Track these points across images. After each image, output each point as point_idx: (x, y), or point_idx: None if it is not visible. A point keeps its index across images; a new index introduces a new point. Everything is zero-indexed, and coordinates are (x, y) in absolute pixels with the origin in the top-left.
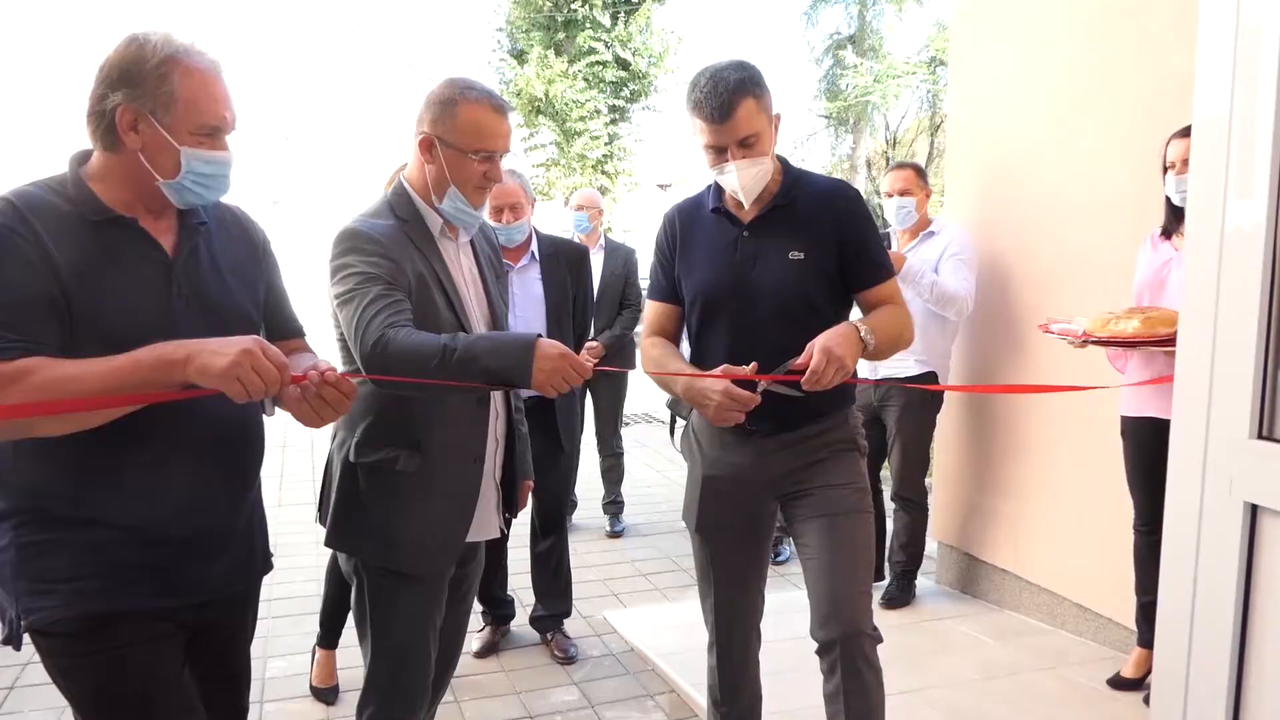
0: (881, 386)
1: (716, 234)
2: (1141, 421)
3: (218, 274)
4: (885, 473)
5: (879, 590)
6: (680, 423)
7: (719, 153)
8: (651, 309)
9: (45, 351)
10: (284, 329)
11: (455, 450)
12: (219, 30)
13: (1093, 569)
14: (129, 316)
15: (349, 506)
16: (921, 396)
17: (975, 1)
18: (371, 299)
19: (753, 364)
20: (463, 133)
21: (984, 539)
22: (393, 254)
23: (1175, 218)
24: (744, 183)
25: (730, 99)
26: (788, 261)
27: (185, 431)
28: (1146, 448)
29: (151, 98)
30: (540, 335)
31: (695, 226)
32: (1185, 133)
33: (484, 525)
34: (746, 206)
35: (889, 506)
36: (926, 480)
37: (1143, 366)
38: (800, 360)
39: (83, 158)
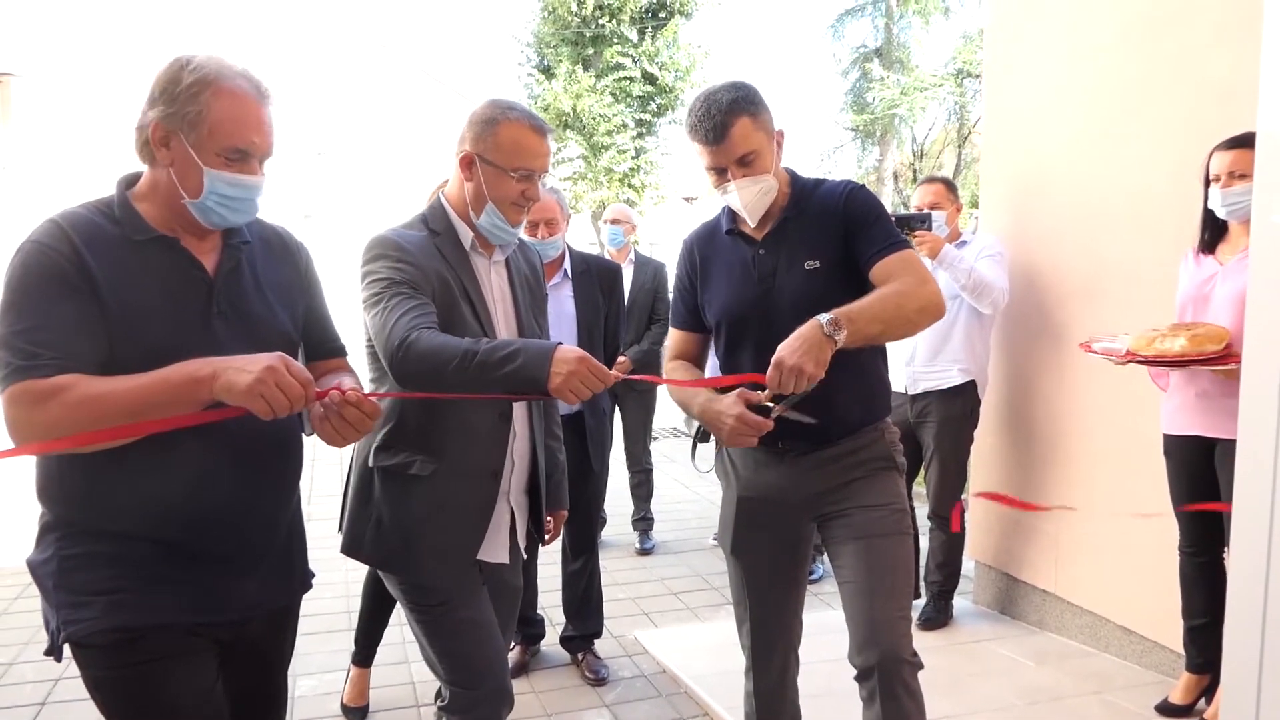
0: (919, 401)
1: (734, 256)
2: (1186, 440)
3: (259, 292)
4: (919, 488)
5: (915, 610)
6: (701, 444)
7: (720, 174)
8: (673, 335)
9: (83, 369)
10: (325, 348)
11: (472, 461)
12: (252, 46)
13: (1138, 590)
14: (170, 335)
15: (363, 511)
16: (960, 410)
17: (1009, 13)
18: (397, 302)
19: (767, 391)
20: (503, 151)
21: (1023, 558)
22: (419, 261)
23: (1216, 231)
24: (746, 201)
25: (724, 119)
26: (804, 272)
27: (225, 447)
28: (1191, 467)
29: (180, 116)
30: (560, 343)
31: (713, 252)
32: (1230, 144)
33: (490, 548)
34: (752, 224)
35: (924, 524)
36: (963, 497)
37: (1185, 383)
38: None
39: (130, 180)
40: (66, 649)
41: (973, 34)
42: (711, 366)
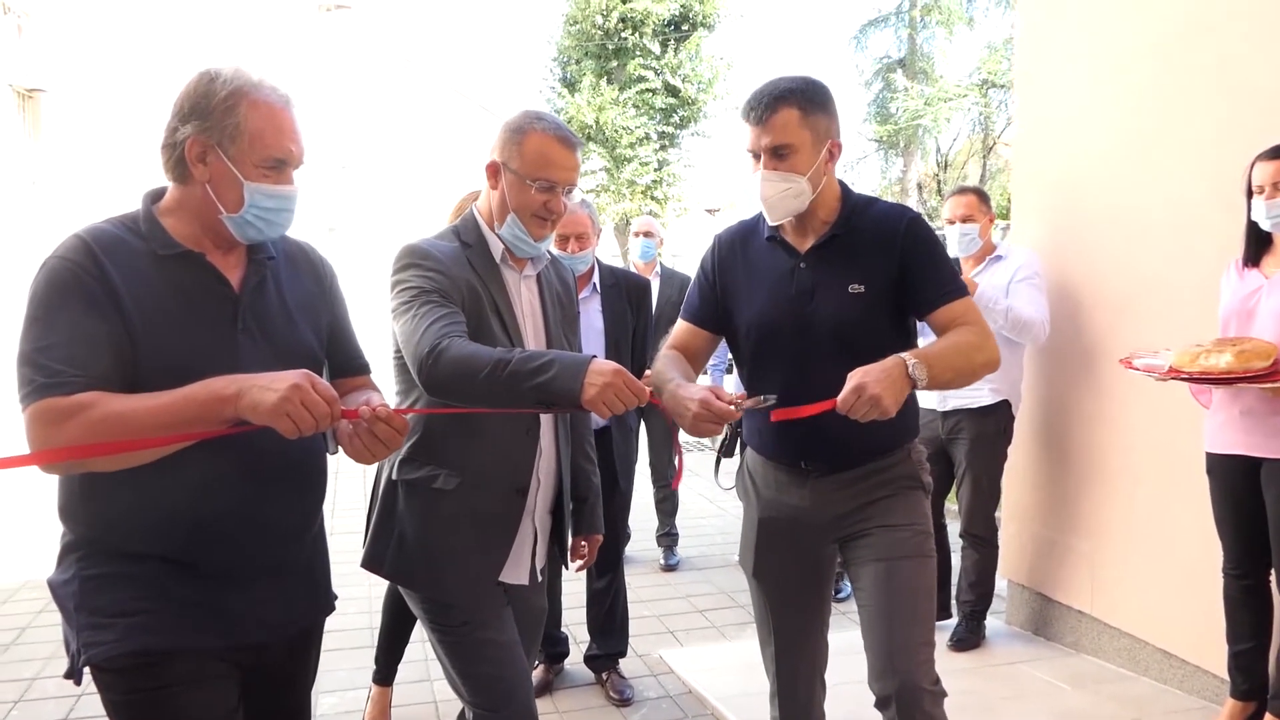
0: (950, 418)
1: (771, 264)
2: (1229, 459)
3: (284, 309)
4: (950, 504)
5: (946, 631)
6: (726, 461)
7: (755, 159)
8: (679, 327)
9: (105, 387)
10: (349, 366)
11: (497, 477)
12: (277, 60)
13: (1179, 612)
14: (194, 351)
15: (386, 524)
16: (993, 428)
17: (1041, 23)
18: (428, 310)
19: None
20: (526, 161)
21: (1058, 578)
22: (449, 270)
23: (1260, 244)
24: (766, 195)
25: (771, 102)
26: (847, 295)
27: (248, 467)
28: (1235, 487)
29: (219, 129)
30: (594, 356)
31: (747, 255)
32: (1272, 154)
33: (514, 569)
34: (771, 222)
35: (956, 543)
36: (996, 516)
37: (1229, 400)
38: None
39: (156, 195)
40: (87, 672)
41: (997, 44)
42: (714, 367)
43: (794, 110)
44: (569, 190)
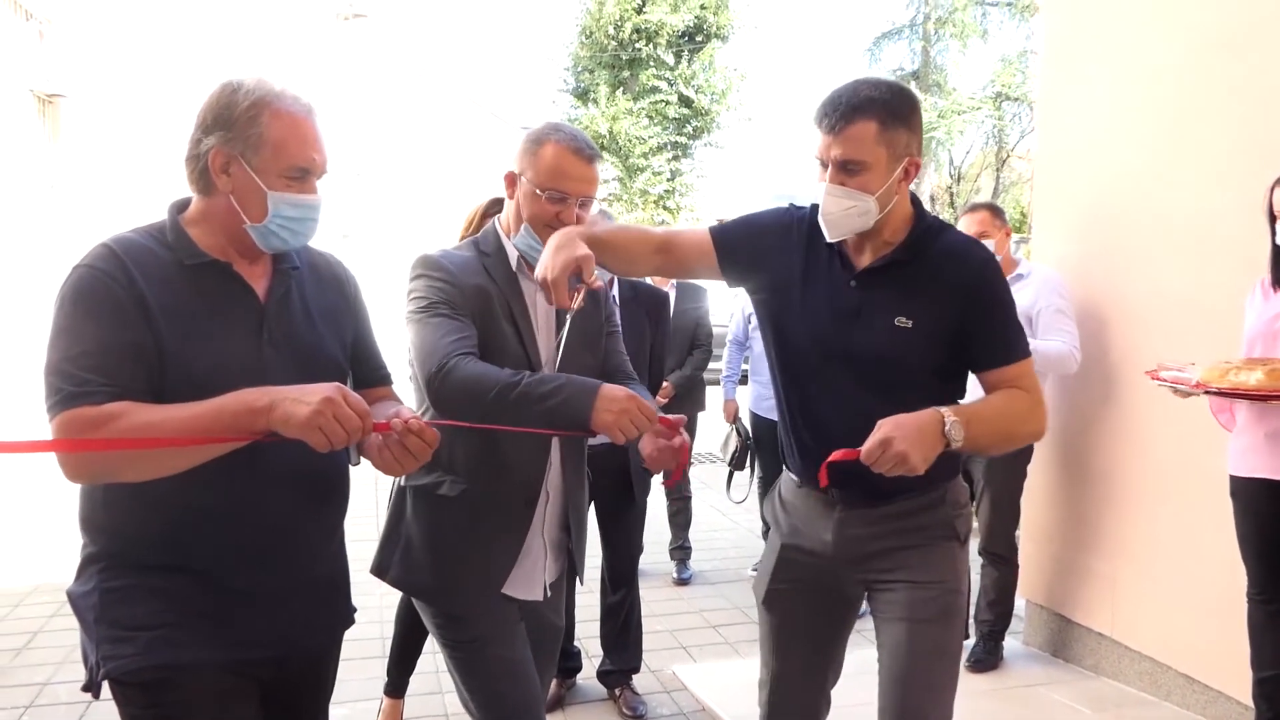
0: None
1: (824, 272)
2: (1254, 483)
3: (308, 319)
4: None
5: (964, 651)
6: (739, 475)
7: (822, 166)
8: (695, 230)
9: (134, 396)
10: (371, 376)
11: (505, 486)
12: (292, 67)
13: (1202, 637)
14: (220, 361)
15: (394, 531)
16: None
17: (1064, 38)
18: (438, 323)
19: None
20: (540, 171)
21: (1078, 599)
22: (460, 280)
23: None
24: (827, 210)
25: (848, 112)
26: (892, 327)
27: (271, 480)
28: (1259, 510)
29: (242, 140)
30: (603, 382)
31: (810, 254)
32: None
33: (525, 584)
34: (829, 238)
35: (975, 561)
36: (1016, 534)
37: (1255, 423)
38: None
39: (182, 205)
40: (105, 685)
41: (1011, 57)
42: (726, 379)
43: (872, 123)
44: (585, 202)
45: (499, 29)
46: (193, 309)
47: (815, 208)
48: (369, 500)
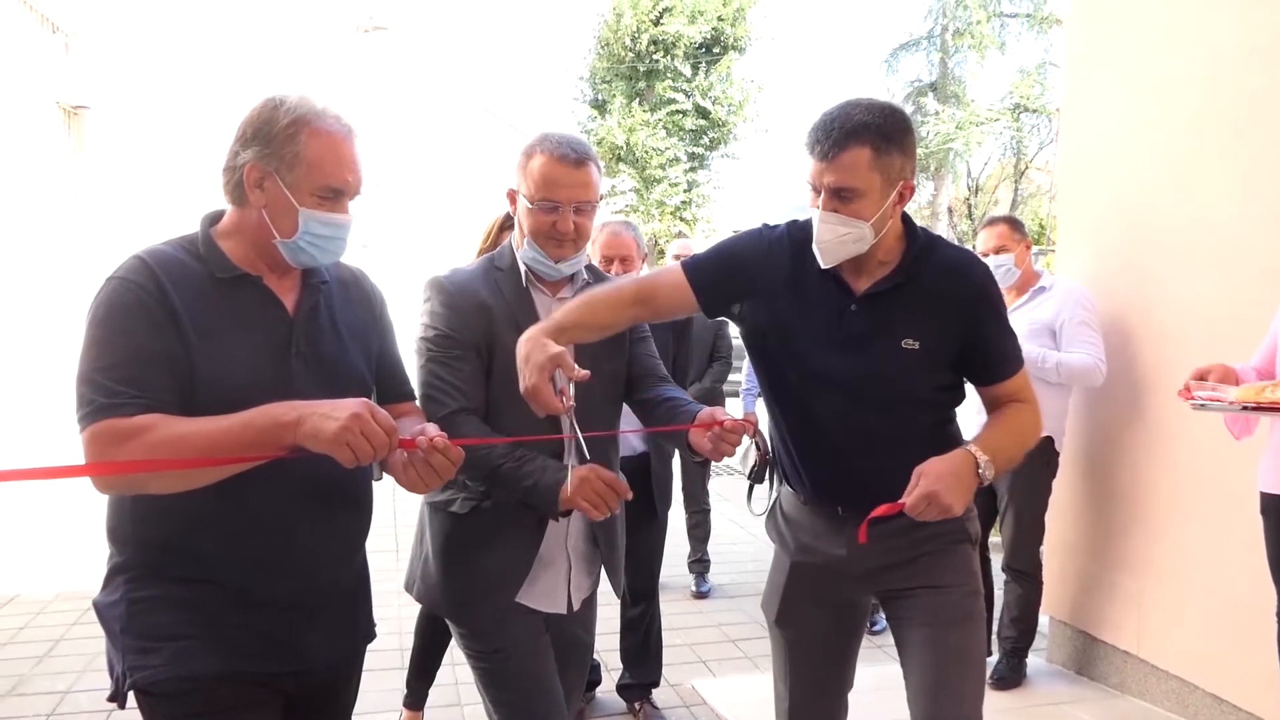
0: None
1: (821, 300)
2: None
3: (336, 334)
4: (994, 538)
5: (987, 668)
6: (759, 488)
7: (814, 192)
8: (668, 273)
9: (164, 408)
10: (395, 392)
11: (519, 505)
12: (313, 79)
13: (1231, 656)
14: (247, 373)
15: (418, 547)
16: (1035, 462)
17: (1087, 50)
18: (434, 369)
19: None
20: (531, 183)
21: (1103, 617)
22: (459, 303)
23: None
24: (821, 237)
25: (841, 138)
26: (900, 350)
27: (297, 492)
28: None
29: (278, 156)
30: (565, 480)
31: (797, 281)
32: None
33: (548, 596)
34: (822, 264)
35: (998, 577)
36: (1040, 550)
37: None
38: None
39: (214, 217)
40: (131, 696)
41: (1029, 68)
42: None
43: (866, 150)
44: (581, 208)
45: (517, 41)
46: (222, 322)
47: (792, 224)
48: (387, 513)
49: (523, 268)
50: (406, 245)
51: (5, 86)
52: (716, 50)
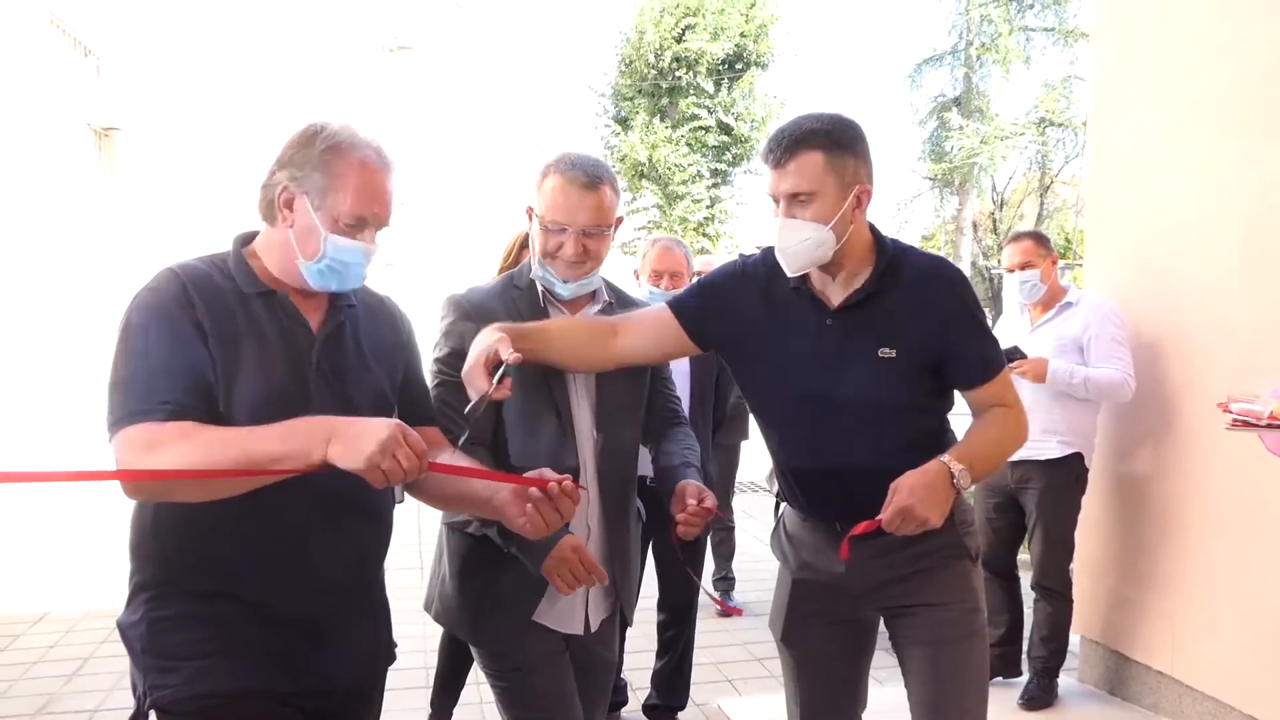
0: (1019, 468)
1: (796, 318)
2: None
3: (359, 353)
4: (1022, 555)
5: (1017, 688)
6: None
7: (775, 203)
8: (651, 313)
9: (194, 416)
10: (418, 416)
11: None
12: (339, 99)
13: (1267, 675)
14: (268, 388)
15: (436, 567)
16: (1063, 479)
17: (1114, 64)
18: (443, 394)
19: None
20: (542, 203)
21: (1135, 636)
22: (474, 319)
23: None
24: (782, 245)
25: (791, 144)
26: (878, 361)
27: (320, 511)
28: None
29: (310, 180)
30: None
31: (770, 298)
32: None
33: (566, 616)
34: (788, 272)
35: (1028, 596)
36: (1070, 568)
37: None
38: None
39: (246, 238)
40: (152, 715)
41: (1054, 82)
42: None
43: (817, 154)
44: (590, 231)
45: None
46: (247, 336)
47: (767, 250)
48: (411, 531)
49: (540, 286)
50: (431, 263)
51: (38, 108)
52: (739, 66)
